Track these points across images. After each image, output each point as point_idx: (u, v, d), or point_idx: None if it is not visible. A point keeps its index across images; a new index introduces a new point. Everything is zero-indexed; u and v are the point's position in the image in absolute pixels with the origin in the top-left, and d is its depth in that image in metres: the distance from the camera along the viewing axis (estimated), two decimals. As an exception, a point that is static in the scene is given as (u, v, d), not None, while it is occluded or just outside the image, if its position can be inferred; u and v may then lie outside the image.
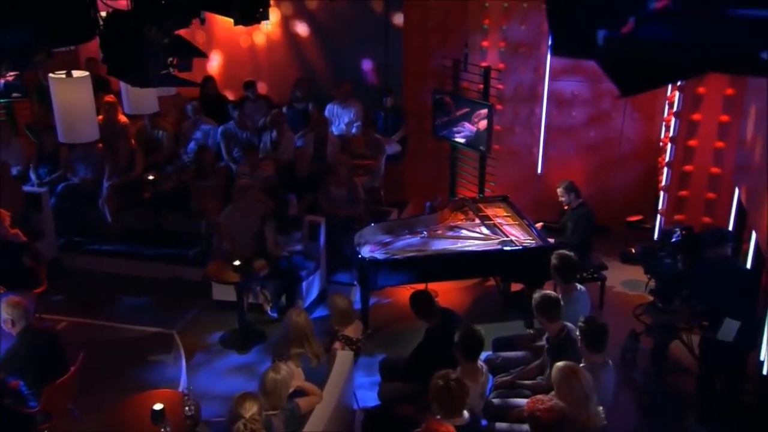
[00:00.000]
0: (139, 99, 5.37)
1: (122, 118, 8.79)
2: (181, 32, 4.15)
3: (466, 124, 8.29)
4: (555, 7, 1.44)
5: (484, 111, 7.97)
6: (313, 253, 7.61)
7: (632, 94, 1.61)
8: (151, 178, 8.30)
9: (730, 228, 6.81)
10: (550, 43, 1.48)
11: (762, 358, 5.28)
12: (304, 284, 7.35)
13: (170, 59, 3.95)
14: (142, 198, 8.37)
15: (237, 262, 6.81)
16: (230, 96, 9.77)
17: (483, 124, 8.01)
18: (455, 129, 8.44)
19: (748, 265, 6.06)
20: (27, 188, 8.32)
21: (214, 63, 9.95)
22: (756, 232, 5.75)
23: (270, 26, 9.46)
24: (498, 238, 7.18)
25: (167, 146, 8.95)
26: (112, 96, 8.73)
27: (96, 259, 8.26)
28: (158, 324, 7.20)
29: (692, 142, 7.59)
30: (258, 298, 7.37)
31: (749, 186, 6.20)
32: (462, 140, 8.43)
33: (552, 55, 1.49)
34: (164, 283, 7.96)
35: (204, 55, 4.31)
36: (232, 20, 3.95)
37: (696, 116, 7.50)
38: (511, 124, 8.98)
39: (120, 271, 8.14)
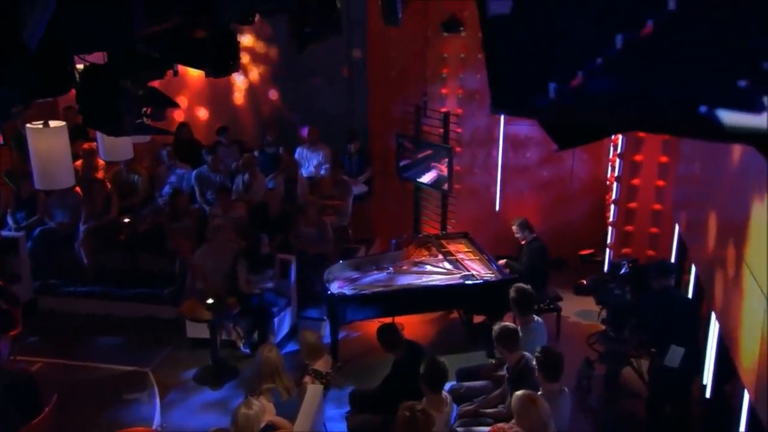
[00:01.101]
0: (115, 146, 5.35)
1: (100, 162, 8.71)
2: (155, 82, 4.17)
3: (429, 166, 8.40)
4: (494, 66, 1.47)
5: (445, 153, 8.09)
6: (285, 290, 7.56)
7: (569, 147, 1.65)
8: (126, 220, 8.21)
9: (673, 260, 6.96)
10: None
11: (705, 383, 5.36)
12: (275, 320, 7.28)
13: (144, 109, 3.95)
14: (118, 240, 8.25)
15: (210, 300, 6.74)
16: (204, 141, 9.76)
17: (444, 165, 8.13)
18: (418, 170, 8.54)
19: (690, 295, 6.19)
20: (4, 233, 8.14)
21: (188, 109, 9.94)
22: (695, 265, 5.89)
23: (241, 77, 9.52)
24: (460, 273, 7.23)
25: (142, 190, 8.87)
26: (91, 143, 8.65)
27: (72, 300, 8.07)
28: (133, 362, 7.04)
29: (635, 181, 7.79)
30: (231, 334, 7.28)
31: (687, 221, 6.37)
32: (425, 181, 8.53)
33: (491, 112, 1.51)
34: (139, 322, 7.81)
35: (177, 105, 4.33)
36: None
37: (638, 157, 7.72)
38: (470, 165, 9.12)
39: (95, 311, 7.96)
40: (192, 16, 2.61)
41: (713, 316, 5.03)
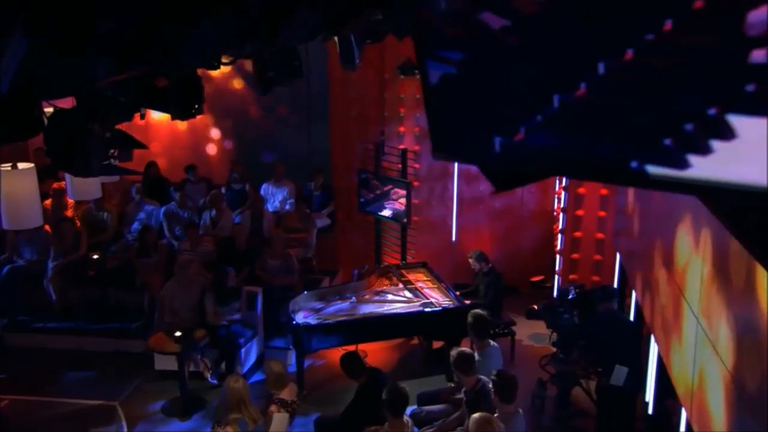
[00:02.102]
0: (83, 186, 5.26)
1: (69, 201, 8.55)
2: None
3: (388, 200, 8.47)
4: (436, 121, 1.51)
5: (404, 187, 8.18)
6: (251, 321, 7.47)
7: (506, 189, 1.70)
8: (95, 256, 8.04)
9: (615, 285, 7.12)
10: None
11: (647, 400, 5.45)
12: (242, 351, 7.18)
13: (111, 151, 3.91)
14: (87, 276, 8.07)
15: (178, 333, 6.62)
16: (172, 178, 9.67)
17: (402, 199, 8.21)
18: (379, 204, 8.61)
19: (632, 317, 6.32)
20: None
21: (155, 149, 9.86)
22: (634, 289, 6.03)
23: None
24: (420, 301, 7.26)
25: (112, 227, 8.72)
26: (60, 183, 8.50)
27: (40, 336, 7.83)
28: (101, 396, 6.83)
29: (579, 212, 7.99)
30: (199, 366, 7.13)
31: (625, 250, 6.54)
32: (385, 214, 8.59)
33: (432, 156, 1.53)
34: (107, 356, 7.60)
35: (144, 147, 4.29)
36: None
37: (581, 190, 7.92)
38: (428, 198, 9.21)
39: (64, 347, 7.73)
40: (154, 66, 2.62)
41: (652, 337, 5.14)
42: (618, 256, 7.13)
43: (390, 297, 7.42)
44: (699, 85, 1.32)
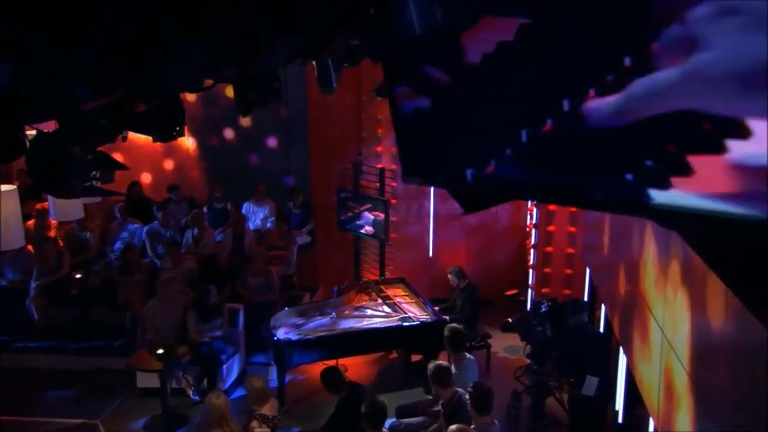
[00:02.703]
0: (65, 207, 5.20)
1: (52, 222, 8.43)
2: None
3: (367, 218, 8.49)
4: (405, 143, 1.54)
5: (382, 205, 8.21)
6: (233, 338, 7.39)
7: (474, 212, 1.74)
8: (78, 276, 7.93)
9: (585, 298, 7.19)
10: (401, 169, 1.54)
11: (618, 409, 5.48)
12: (224, 367, 7.10)
13: (93, 173, 3.88)
14: (70, 295, 7.94)
15: (160, 351, 6.53)
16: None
17: (381, 217, 8.24)
18: (358, 222, 8.63)
19: (601, 329, 6.38)
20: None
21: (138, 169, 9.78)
22: (603, 302, 6.10)
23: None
24: (398, 315, 7.26)
25: (94, 246, 8.61)
26: (43, 203, 8.39)
27: (22, 355, 7.65)
28: (83, 415, 6.67)
29: (551, 228, 8.07)
30: (181, 383, 7.03)
31: (594, 264, 6.62)
32: (364, 231, 8.60)
33: (402, 180, 1.54)
34: (90, 374, 7.46)
35: (126, 168, 4.26)
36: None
37: (552, 206, 8.02)
38: (405, 215, 9.25)
39: (46, 366, 7.56)
40: (134, 91, 2.62)
41: (621, 348, 5.19)
42: (588, 270, 7.21)
43: (369, 312, 7.41)
44: (660, 121, 1.36)
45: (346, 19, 2.93)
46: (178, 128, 3.93)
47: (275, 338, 6.78)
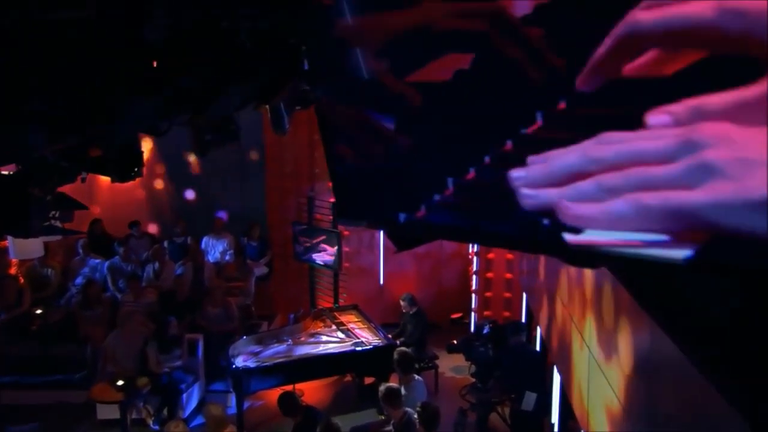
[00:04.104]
0: (24, 246, 5.00)
1: (13, 261, 8.06)
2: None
3: (321, 249, 8.46)
4: (340, 187, 1.55)
5: (335, 237, 8.19)
6: (193, 367, 7.18)
7: (406, 249, 1.76)
8: (38, 312, 7.57)
9: (523, 320, 7.30)
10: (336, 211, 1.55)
11: (553, 422, 5.55)
12: (183, 396, 6.86)
13: (52, 213, 3.75)
14: (30, 330, 7.56)
15: (120, 382, 6.27)
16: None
17: (334, 248, 8.22)
18: (313, 253, 8.58)
19: (538, 348, 6.47)
20: None
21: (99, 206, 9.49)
22: (538, 324, 6.21)
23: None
24: (351, 341, 7.20)
25: (55, 282, 8.26)
26: (3, 242, 8.01)
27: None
28: (42, 449, 6.33)
29: (490, 255, 8.21)
30: (141, 413, 6.75)
31: (530, 288, 6.75)
32: (319, 261, 8.56)
33: (338, 222, 1.53)
34: (50, 408, 7.07)
35: (85, 208, 4.13)
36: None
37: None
38: (357, 246, 9.24)
39: (5, 401, 7.13)
40: (89, 139, 2.56)
41: (555, 366, 5.28)
42: (524, 294, 7.34)
43: (324, 338, 7.33)
44: None
45: (294, 68, 2.96)
46: (136, 169, 3.85)
47: (234, 366, 6.61)
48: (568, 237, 1.39)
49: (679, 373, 2.36)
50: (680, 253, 1.07)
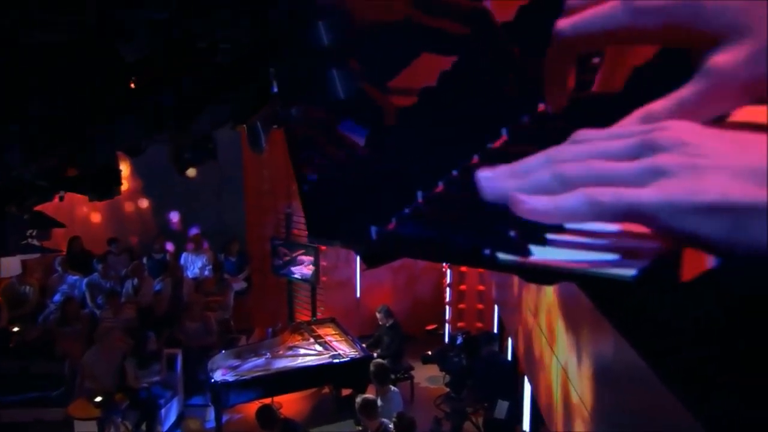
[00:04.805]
0: (2, 263, 4.86)
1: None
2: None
3: (299, 263, 8.41)
4: (310, 205, 1.55)
5: (313, 252, 8.15)
6: (171, 382, 7.03)
7: (375, 266, 1.76)
8: (16, 329, 7.35)
9: (495, 330, 7.34)
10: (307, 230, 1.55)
11: (525, 429, 5.56)
12: (162, 411, 6.70)
13: (30, 231, 3.67)
14: (7, 348, 7.33)
15: (98, 398, 6.11)
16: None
17: (312, 262, 8.18)
18: (291, 267, 8.52)
19: (510, 357, 6.50)
20: None
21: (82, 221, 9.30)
22: (509, 335, 6.25)
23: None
24: (329, 353, 7.14)
25: (33, 300, 8.04)
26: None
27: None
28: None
29: (463, 268, 8.25)
30: (119, 429, 6.56)
31: (501, 300, 6.80)
32: (297, 276, 8.51)
33: (308, 240, 1.54)
34: (27, 426, 6.84)
35: (63, 226, 4.06)
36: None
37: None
38: (335, 260, 9.19)
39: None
40: (67, 158, 2.53)
41: (526, 375, 5.31)
42: (496, 305, 7.39)
43: (302, 351, 7.26)
44: None
45: (270, 89, 2.97)
46: (114, 187, 3.80)
47: (212, 380, 6.51)
48: (534, 248, 1.40)
49: (640, 380, 2.40)
50: (630, 271, 1.09)
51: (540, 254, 1.41)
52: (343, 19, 1.66)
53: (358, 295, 9.22)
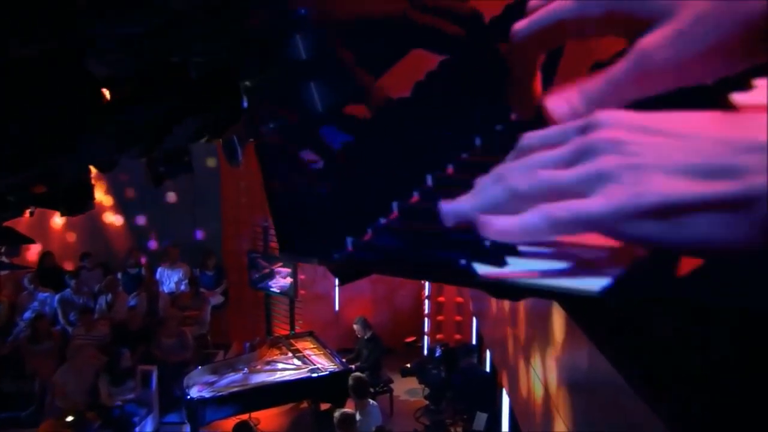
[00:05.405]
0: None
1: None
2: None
3: (277, 276, 8.35)
4: (282, 221, 1.54)
5: (291, 265, 8.10)
6: (146, 400, 6.88)
7: (349, 282, 1.76)
8: (-17, 347, 7.14)
9: (474, 341, 7.36)
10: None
11: (504, 441, 5.58)
12: (137, 429, 6.56)
13: (-2, 248, 3.58)
14: (-25, 367, 7.11)
15: (70, 418, 5.95)
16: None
17: (290, 275, 8.12)
18: (269, 281, 8.45)
19: (488, 369, 6.52)
20: None
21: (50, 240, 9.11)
22: (487, 347, 6.27)
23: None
24: (307, 367, 7.08)
25: (3, 317, 7.83)
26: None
27: None
28: (-15, 492, 5.91)
29: (442, 279, 8.27)
30: (92, 449, 6.40)
31: (479, 312, 6.83)
32: (275, 289, 8.44)
33: (280, 258, 1.52)
34: (-6, 448, 6.64)
35: (32, 242, 3.97)
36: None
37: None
38: (313, 273, 9.12)
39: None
40: (37, 174, 2.48)
41: (504, 386, 5.33)
42: (474, 317, 7.41)
43: (280, 365, 7.19)
44: None
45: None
46: (86, 202, 3.73)
47: (188, 397, 6.41)
48: (510, 259, 1.42)
49: (616, 391, 2.43)
50: (594, 286, 1.11)
51: (513, 265, 1.43)
52: (319, 32, 1.67)
53: (337, 308, 9.18)
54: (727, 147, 0.92)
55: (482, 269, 1.50)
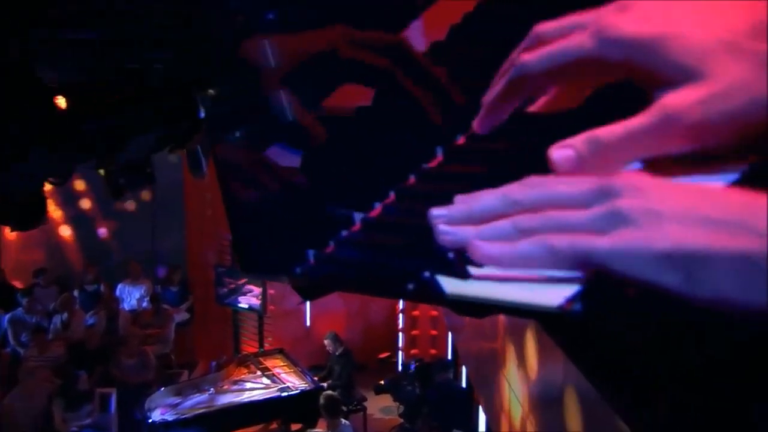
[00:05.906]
0: None
1: None
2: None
3: (245, 292, 8.26)
4: (242, 237, 1.54)
5: (259, 279, 8.03)
6: (104, 424, 6.70)
7: (311, 299, 1.76)
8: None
9: (450, 356, 7.38)
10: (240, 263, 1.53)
11: (481, 459, 5.60)
12: (94, 457, 6.39)
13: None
14: None
15: (20, 447, 5.77)
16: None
17: (259, 290, 8.04)
18: (236, 296, 8.36)
19: (464, 384, 6.55)
20: None
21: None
22: (463, 362, 6.30)
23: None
24: (277, 386, 7.00)
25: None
26: None
27: None
28: None
29: (416, 293, 8.29)
30: (45, 479, 6.21)
31: (455, 327, 6.86)
32: (243, 305, 8.35)
33: (242, 275, 1.53)
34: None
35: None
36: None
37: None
38: (283, 289, 9.02)
39: None
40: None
41: (480, 401, 5.35)
42: (450, 332, 7.44)
43: (248, 385, 7.08)
44: None
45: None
46: (38, 217, 3.65)
47: (150, 420, 6.27)
48: (473, 270, 1.43)
49: (591, 405, 2.46)
50: (552, 301, 1.13)
51: (477, 277, 1.44)
52: (281, 42, 1.68)
53: (308, 323, 9.11)
54: (756, 208, 0.93)
55: (446, 280, 1.51)
